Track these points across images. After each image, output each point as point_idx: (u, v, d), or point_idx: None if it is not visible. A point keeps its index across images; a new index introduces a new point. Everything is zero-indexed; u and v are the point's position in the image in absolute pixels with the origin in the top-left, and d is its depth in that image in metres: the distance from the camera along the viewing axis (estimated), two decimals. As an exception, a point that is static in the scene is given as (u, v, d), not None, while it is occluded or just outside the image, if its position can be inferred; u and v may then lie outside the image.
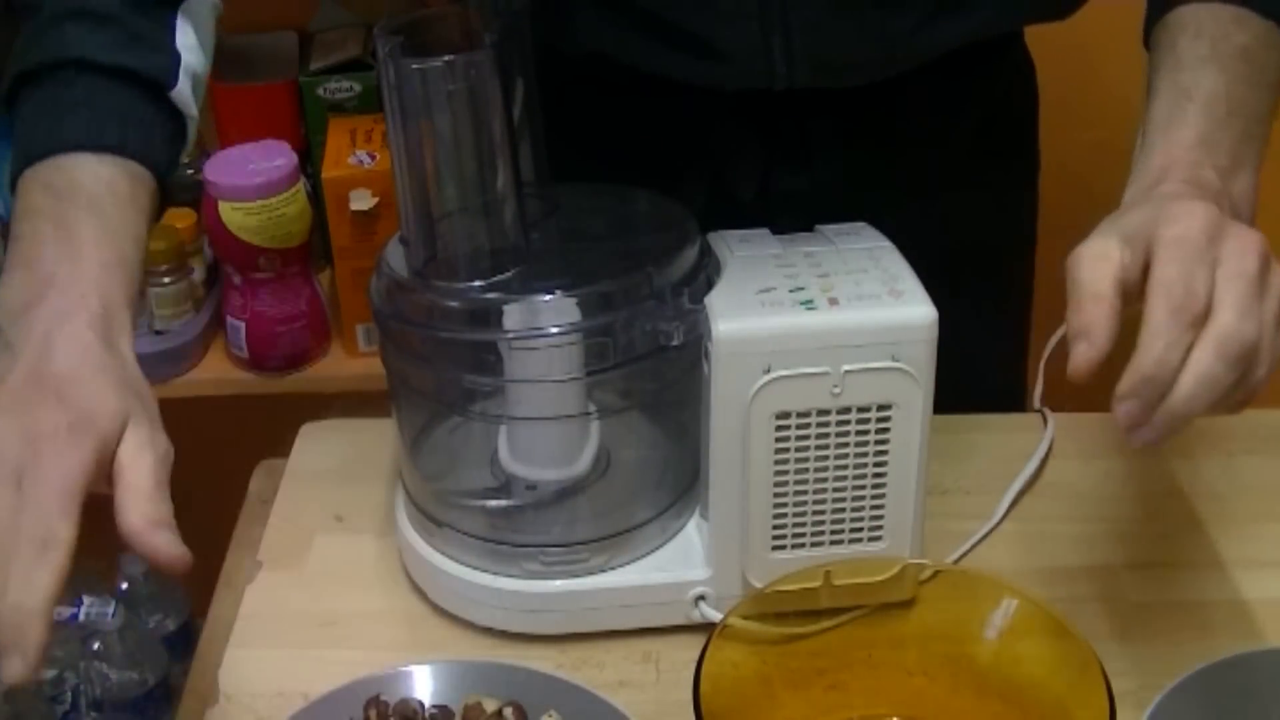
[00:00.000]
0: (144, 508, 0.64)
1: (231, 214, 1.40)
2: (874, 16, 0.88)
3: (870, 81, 0.92)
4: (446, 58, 0.72)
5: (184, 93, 0.75)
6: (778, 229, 0.84)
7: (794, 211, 0.88)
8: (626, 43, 0.92)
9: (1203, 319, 0.64)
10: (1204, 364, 0.63)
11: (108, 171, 0.71)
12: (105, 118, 0.72)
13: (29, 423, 0.64)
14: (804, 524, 0.79)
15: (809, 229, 0.84)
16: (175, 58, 0.74)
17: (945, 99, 0.97)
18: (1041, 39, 1.05)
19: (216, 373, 1.54)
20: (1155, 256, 0.66)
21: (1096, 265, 0.66)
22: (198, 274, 1.54)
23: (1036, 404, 0.99)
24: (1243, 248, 0.66)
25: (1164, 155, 0.74)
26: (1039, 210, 1.11)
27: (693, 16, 0.89)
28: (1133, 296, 0.66)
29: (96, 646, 1.14)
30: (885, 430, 0.76)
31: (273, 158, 1.42)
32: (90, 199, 0.70)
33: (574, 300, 0.76)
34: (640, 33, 0.91)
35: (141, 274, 0.72)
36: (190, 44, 0.76)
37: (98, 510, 0.67)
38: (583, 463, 0.82)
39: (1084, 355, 0.65)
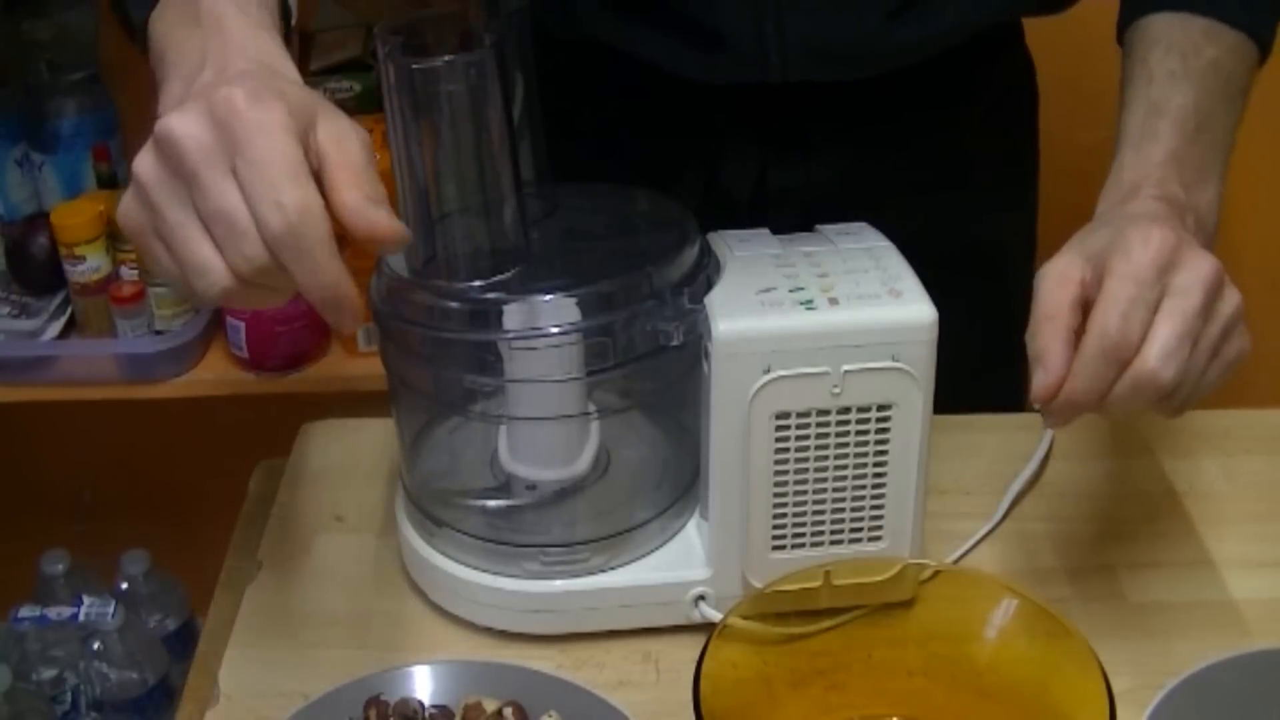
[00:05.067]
0: (361, 184, 0.61)
1: (232, 214, 1.40)
2: (864, 1, 0.88)
3: (866, 76, 0.92)
4: (446, 58, 0.72)
5: None
6: (774, 228, 0.84)
7: (790, 210, 0.88)
8: (624, 28, 0.92)
9: (1133, 356, 0.68)
10: (1122, 398, 0.68)
11: None
12: None
13: (210, 106, 0.60)
14: (804, 524, 0.79)
15: (806, 228, 0.84)
16: None
17: (943, 98, 0.97)
18: (1042, 39, 1.05)
19: (217, 373, 1.54)
20: (1103, 290, 0.69)
21: (1057, 286, 0.70)
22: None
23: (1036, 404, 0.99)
24: (1189, 282, 0.68)
25: (1135, 171, 0.77)
26: (1039, 210, 1.11)
27: (688, 1, 0.89)
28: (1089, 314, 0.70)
29: (96, 646, 1.14)
30: (885, 430, 0.76)
31: (273, 158, 1.42)
32: None
33: (574, 300, 0.76)
34: (637, 18, 0.91)
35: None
36: None
37: (98, 510, 0.67)
38: (583, 463, 0.82)
39: (1042, 383, 0.69)
